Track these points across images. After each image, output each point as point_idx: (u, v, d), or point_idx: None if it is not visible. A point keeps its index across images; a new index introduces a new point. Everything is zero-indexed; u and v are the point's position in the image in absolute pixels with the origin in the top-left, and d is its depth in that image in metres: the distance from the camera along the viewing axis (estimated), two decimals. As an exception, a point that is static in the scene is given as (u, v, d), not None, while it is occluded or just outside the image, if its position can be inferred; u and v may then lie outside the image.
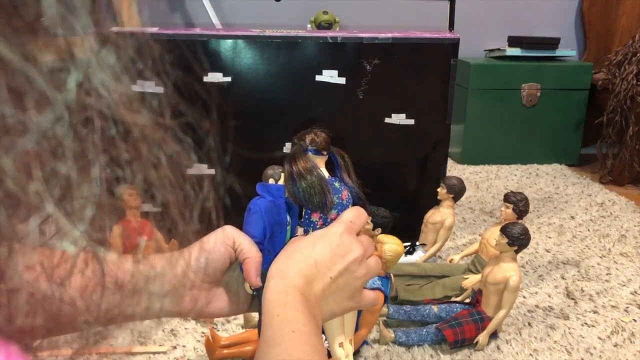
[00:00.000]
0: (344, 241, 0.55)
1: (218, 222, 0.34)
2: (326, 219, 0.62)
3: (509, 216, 1.25)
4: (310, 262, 0.53)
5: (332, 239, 0.55)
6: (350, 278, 0.55)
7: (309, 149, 0.64)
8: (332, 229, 0.56)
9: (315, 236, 0.56)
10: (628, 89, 2.10)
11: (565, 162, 2.45)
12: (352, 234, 0.56)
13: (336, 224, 0.57)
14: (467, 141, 2.40)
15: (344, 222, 0.57)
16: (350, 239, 0.56)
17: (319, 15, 2.06)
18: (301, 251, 0.54)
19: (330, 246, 0.54)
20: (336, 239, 0.55)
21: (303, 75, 1.40)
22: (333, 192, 0.62)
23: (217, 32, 1.40)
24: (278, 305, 0.50)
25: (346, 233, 0.56)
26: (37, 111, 0.23)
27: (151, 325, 1.16)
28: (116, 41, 0.25)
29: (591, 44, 2.63)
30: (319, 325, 0.51)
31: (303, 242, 0.56)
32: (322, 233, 0.56)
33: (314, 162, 0.62)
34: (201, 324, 1.17)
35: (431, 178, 1.49)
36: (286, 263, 0.54)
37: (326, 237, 0.55)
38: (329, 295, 0.54)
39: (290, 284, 0.51)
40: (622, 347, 1.14)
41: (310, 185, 0.60)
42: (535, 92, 2.36)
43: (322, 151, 0.64)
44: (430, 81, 1.45)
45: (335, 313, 0.57)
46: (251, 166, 1.09)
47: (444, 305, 1.18)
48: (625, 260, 1.53)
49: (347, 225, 0.56)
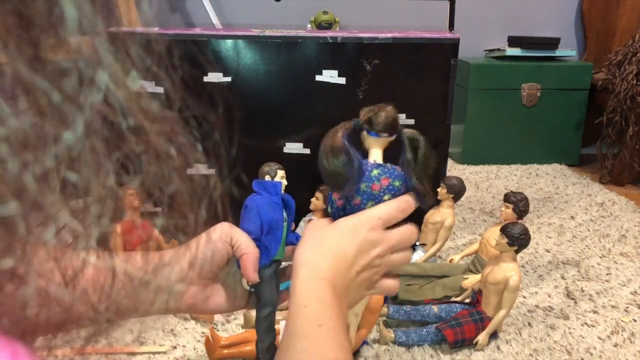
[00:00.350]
0: (369, 237, 0.55)
1: (225, 214, 0.34)
2: (348, 201, 0.57)
3: (509, 216, 1.25)
4: (339, 255, 0.53)
5: (357, 234, 0.55)
6: (371, 273, 0.56)
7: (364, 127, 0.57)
8: (359, 224, 0.55)
9: (341, 228, 0.55)
10: (628, 89, 2.10)
11: (565, 162, 2.45)
12: (378, 230, 0.56)
13: (364, 219, 0.56)
14: (467, 141, 2.40)
15: (369, 218, 0.56)
16: (375, 235, 0.55)
17: (319, 15, 2.06)
18: (329, 244, 0.54)
19: (355, 241, 0.54)
20: (361, 234, 0.55)
21: (303, 75, 1.40)
22: (364, 180, 0.56)
23: (217, 32, 1.41)
24: (307, 296, 0.50)
25: (371, 230, 0.55)
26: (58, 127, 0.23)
27: (151, 325, 1.17)
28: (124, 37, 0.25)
29: (591, 44, 2.63)
30: (346, 321, 0.51)
31: (329, 234, 0.55)
32: (348, 226, 0.55)
33: (344, 144, 0.55)
34: (201, 324, 1.17)
35: (431, 178, 1.49)
36: (315, 254, 0.54)
37: (352, 231, 0.55)
38: (352, 289, 0.55)
39: (320, 276, 0.52)
40: (622, 347, 1.14)
41: (329, 168, 0.55)
42: (535, 92, 2.36)
43: (381, 133, 0.57)
44: (430, 81, 1.45)
45: (352, 303, 0.58)
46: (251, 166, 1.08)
47: (444, 305, 1.18)
48: (625, 260, 1.53)
49: (374, 223, 0.56)
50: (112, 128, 0.25)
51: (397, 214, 0.57)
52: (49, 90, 0.23)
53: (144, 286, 0.52)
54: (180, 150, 0.30)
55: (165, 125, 0.28)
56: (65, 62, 0.23)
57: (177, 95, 0.31)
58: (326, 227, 0.56)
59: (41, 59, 0.23)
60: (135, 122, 0.26)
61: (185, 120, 0.31)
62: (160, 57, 0.28)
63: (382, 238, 0.56)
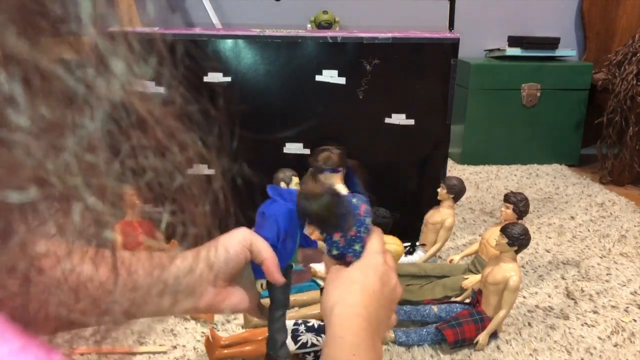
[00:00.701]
0: (386, 270, 0.60)
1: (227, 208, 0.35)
2: (347, 236, 0.62)
3: (509, 216, 1.25)
4: (369, 292, 0.57)
5: (378, 269, 0.60)
6: (391, 303, 0.61)
7: (325, 168, 0.64)
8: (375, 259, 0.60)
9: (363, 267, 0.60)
10: (628, 89, 2.10)
11: (565, 162, 2.45)
12: (387, 263, 0.61)
13: (377, 254, 0.61)
14: (467, 141, 2.40)
15: (381, 252, 0.61)
16: (388, 267, 0.61)
17: (319, 15, 2.06)
18: (358, 282, 0.58)
19: (378, 276, 0.59)
20: (380, 269, 0.60)
21: (303, 75, 1.40)
22: (353, 209, 0.62)
23: (217, 32, 1.40)
24: (343, 329, 0.54)
25: (386, 262, 0.61)
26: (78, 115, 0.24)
27: (151, 325, 1.17)
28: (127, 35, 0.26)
29: (591, 44, 2.63)
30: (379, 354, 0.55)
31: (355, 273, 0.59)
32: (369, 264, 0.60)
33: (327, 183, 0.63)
34: (201, 324, 1.17)
35: (431, 178, 1.49)
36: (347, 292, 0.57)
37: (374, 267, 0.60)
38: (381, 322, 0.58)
39: (355, 312, 0.55)
40: (622, 347, 1.14)
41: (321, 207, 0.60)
42: (535, 92, 2.36)
43: (338, 168, 0.64)
44: (430, 81, 1.44)
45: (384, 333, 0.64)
46: (251, 166, 1.08)
47: (444, 305, 1.18)
48: (625, 260, 1.53)
49: (385, 255, 0.61)
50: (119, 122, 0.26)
51: (382, 242, 0.63)
52: (66, 79, 0.23)
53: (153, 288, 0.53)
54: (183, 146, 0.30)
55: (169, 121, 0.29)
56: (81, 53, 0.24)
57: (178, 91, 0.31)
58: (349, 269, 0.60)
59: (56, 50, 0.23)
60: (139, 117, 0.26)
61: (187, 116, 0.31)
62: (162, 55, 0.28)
63: (392, 269, 0.61)
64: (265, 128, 1.42)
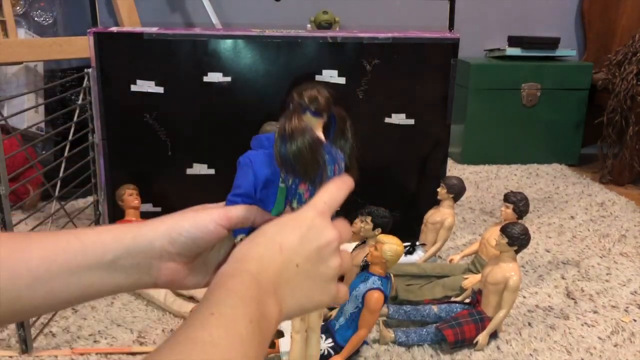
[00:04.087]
0: (316, 225, 0.50)
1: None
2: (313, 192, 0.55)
3: (509, 216, 1.25)
4: (274, 246, 0.48)
5: (302, 222, 0.50)
6: (322, 267, 0.50)
7: (308, 108, 0.56)
8: (303, 211, 0.51)
9: (285, 219, 0.51)
10: (628, 88, 2.10)
11: (565, 162, 2.45)
12: (326, 218, 0.51)
13: (308, 207, 0.51)
14: (467, 141, 2.40)
15: (317, 205, 0.51)
16: (323, 222, 0.50)
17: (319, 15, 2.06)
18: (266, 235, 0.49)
19: (299, 230, 0.49)
20: (307, 222, 0.49)
21: (303, 75, 1.40)
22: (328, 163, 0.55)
23: (217, 32, 1.40)
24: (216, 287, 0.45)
25: (319, 216, 0.50)
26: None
27: (151, 325, 1.17)
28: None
29: (591, 44, 2.63)
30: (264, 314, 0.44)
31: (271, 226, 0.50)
32: (292, 216, 0.51)
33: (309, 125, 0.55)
34: (201, 324, 1.17)
35: (431, 178, 1.49)
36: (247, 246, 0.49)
37: (296, 220, 0.50)
38: (296, 285, 0.49)
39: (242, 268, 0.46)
40: (622, 347, 1.14)
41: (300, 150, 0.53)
42: (535, 92, 2.36)
43: (323, 113, 0.57)
44: (430, 81, 1.44)
45: (305, 307, 0.50)
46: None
47: (444, 305, 1.18)
48: (625, 260, 1.53)
49: (321, 208, 0.51)
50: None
51: (339, 196, 0.53)
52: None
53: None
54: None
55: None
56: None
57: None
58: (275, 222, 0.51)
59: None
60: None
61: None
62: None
63: (330, 224, 0.51)
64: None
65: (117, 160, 1.42)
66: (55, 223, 1.57)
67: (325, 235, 0.49)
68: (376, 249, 1.03)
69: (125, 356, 1.07)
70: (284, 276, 0.47)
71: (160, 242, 0.51)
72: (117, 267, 0.51)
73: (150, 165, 1.44)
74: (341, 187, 0.53)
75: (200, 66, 1.38)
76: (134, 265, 0.51)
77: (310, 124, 0.56)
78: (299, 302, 0.49)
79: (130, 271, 0.51)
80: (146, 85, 1.38)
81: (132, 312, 1.21)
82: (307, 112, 0.56)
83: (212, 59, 1.37)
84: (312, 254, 0.49)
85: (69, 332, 1.14)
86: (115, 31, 1.36)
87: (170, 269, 0.53)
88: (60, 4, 1.97)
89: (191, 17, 2.43)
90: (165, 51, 1.36)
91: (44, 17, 1.90)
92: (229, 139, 1.44)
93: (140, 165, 1.44)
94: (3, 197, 0.99)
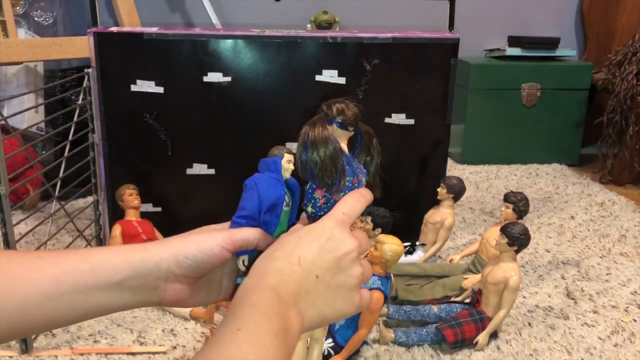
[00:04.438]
0: (335, 235, 0.50)
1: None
2: (329, 199, 0.55)
3: (509, 216, 1.25)
4: (293, 259, 0.49)
5: (320, 233, 0.50)
6: (343, 276, 0.50)
7: (335, 120, 0.57)
8: (321, 222, 0.52)
9: (304, 231, 0.51)
10: (628, 88, 2.10)
11: (565, 162, 2.45)
12: (345, 228, 0.51)
13: (327, 217, 0.52)
14: (467, 141, 2.40)
15: (336, 215, 0.52)
16: (342, 233, 0.50)
17: (319, 15, 2.06)
18: (284, 248, 0.50)
19: (318, 241, 0.50)
20: (326, 234, 0.50)
21: (303, 75, 1.40)
22: (348, 174, 0.56)
23: (217, 32, 1.40)
24: (239, 303, 0.46)
25: (338, 227, 0.51)
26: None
27: (151, 325, 1.17)
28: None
29: (591, 44, 2.63)
30: (287, 328, 0.45)
31: (289, 238, 0.51)
32: (310, 227, 0.51)
33: (334, 135, 0.55)
34: (201, 324, 1.17)
35: (431, 178, 1.49)
36: (266, 261, 0.50)
37: (314, 231, 0.51)
38: (317, 296, 0.49)
39: (262, 282, 0.47)
40: (622, 347, 1.14)
41: (322, 159, 0.53)
42: (535, 92, 2.36)
43: (349, 127, 0.57)
44: (430, 81, 1.44)
45: (328, 317, 0.51)
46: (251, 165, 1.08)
47: (444, 305, 1.18)
48: (625, 260, 1.53)
49: (340, 219, 0.51)
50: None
51: (358, 208, 0.54)
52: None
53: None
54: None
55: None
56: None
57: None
58: (291, 233, 0.52)
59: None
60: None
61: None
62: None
63: (350, 234, 0.51)
64: (265, 128, 1.42)
65: (117, 160, 1.42)
66: (55, 223, 1.57)
67: (344, 245, 0.50)
68: (376, 249, 1.03)
69: (125, 356, 1.07)
70: (304, 288, 0.48)
71: (166, 264, 0.53)
72: (125, 287, 0.52)
73: (150, 165, 1.44)
74: (359, 200, 0.54)
75: (200, 66, 1.38)
76: (141, 286, 0.53)
77: (335, 135, 0.57)
78: (321, 312, 0.50)
79: (137, 291, 0.53)
80: (146, 85, 1.38)
81: (132, 312, 1.21)
82: (333, 123, 0.57)
83: (212, 59, 1.38)
84: (331, 264, 0.49)
85: (68, 332, 1.14)
86: (115, 31, 1.36)
87: (176, 289, 0.55)
88: (60, 4, 1.97)
89: (191, 17, 2.43)
90: (165, 51, 1.36)
91: (44, 17, 1.90)
92: (229, 139, 1.44)
93: (140, 165, 1.44)
94: (3, 197, 1.00)
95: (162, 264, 0.53)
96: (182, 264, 0.53)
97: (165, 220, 1.44)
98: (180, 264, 0.53)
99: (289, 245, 0.50)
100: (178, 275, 0.54)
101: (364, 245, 0.53)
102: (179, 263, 0.53)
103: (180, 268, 0.53)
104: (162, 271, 0.53)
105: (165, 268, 0.53)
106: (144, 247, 0.54)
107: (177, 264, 0.53)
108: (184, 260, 0.53)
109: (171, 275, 0.53)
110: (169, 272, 0.53)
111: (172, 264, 0.53)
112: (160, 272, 0.53)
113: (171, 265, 0.53)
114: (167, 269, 0.53)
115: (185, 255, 0.53)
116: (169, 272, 0.53)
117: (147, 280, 0.53)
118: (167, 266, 0.53)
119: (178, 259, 0.53)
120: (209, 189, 1.46)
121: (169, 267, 0.53)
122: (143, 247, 0.54)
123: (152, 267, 0.53)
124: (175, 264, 0.53)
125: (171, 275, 0.54)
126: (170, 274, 0.53)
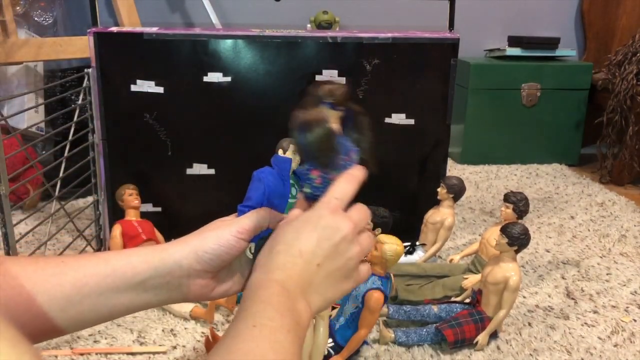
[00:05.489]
0: (329, 223, 0.52)
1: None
2: (326, 178, 0.57)
3: (509, 216, 1.25)
4: (294, 252, 0.51)
5: (316, 223, 0.52)
6: (342, 260, 0.53)
7: (324, 101, 0.58)
8: (315, 211, 0.54)
9: (299, 222, 0.53)
10: (628, 88, 2.10)
11: (565, 162, 2.45)
12: (337, 212, 0.53)
13: (321, 205, 0.54)
14: (467, 141, 2.40)
15: (329, 202, 0.54)
16: (335, 218, 0.53)
17: (319, 15, 2.06)
18: (284, 242, 0.52)
19: (315, 231, 0.52)
20: (321, 222, 0.52)
21: (303, 75, 1.40)
22: (342, 153, 0.57)
23: (217, 32, 1.40)
24: (250, 298, 0.48)
25: (331, 214, 0.53)
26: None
27: (151, 325, 1.17)
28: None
29: (591, 44, 2.63)
30: (298, 321, 0.48)
31: (287, 231, 0.53)
32: (306, 218, 0.53)
33: (326, 115, 0.57)
34: (201, 324, 1.17)
35: (431, 178, 1.49)
36: (269, 256, 0.52)
37: (310, 221, 0.53)
38: (320, 284, 0.52)
39: (269, 278, 0.50)
40: (622, 347, 1.14)
41: (316, 139, 0.55)
42: (535, 92, 2.36)
43: (339, 106, 0.58)
44: (430, 81, 1.45)
45: (331, 299, 0.54)
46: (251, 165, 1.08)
47: (444, 305, 1.18)
48: (625, 260, 1.53)
49: (333, 205, 0.53)
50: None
51: (350, 189, 0.55)
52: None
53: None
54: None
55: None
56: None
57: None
58: (287, 224, 0.54)
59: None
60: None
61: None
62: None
63: (343, 218, 0.53)
64: (265, 128, 1.42)
65: (117, 160, 1.42)
66: (55, 223, 1.57)
67: (339, 231, 0.52)
68: (376, 249, 1.03)
69: (125, 356, 1.07)
70: (307, 278, 0.51)
71: (187, 261, 0.56)
72: (147, 287, 0.55)
73: (150, 165, 1.44)
74: (351, 180, 0.56)
75: (200, 66, 1.38)
76: (163, 285, 0.56)
77: (326, 115, 0.58)
78: (325, 296, 0.53)
79: (159, 290, 0.56)
80: (146, 85, 1.38)
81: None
82: (323, 104, 0.58)
83: (212, 59, 1.38)
84: (330, 251, 0.52)
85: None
86: (115, 31, 1.36)
87: (199, 284, 0.57)
88: (60, 4, 1.97)
89: (191, 17, 2.43)
90: (165, 51, 1.36)
91: (44, 17, 1.90)
92: (228, 139, 1.44)
93: (140, 165, 1.44)
94: (3, 197, 1.00)
95: (183, 262, 0.55)
96: (202, 258, 0.56)
97: (165, 220, 1.44)
98: (201, 259, 0.56)
99: (289, 239, 0.52)
100: (199, 271, 0.56)
101: (361, 220, 0.55)
102: (199, 258, 0.56)
103: (201, 263, 0.56)
104: (184, 269, 0.56)
105: (187, 265, 0.56)
106: (163, 248, 0.56)
107: (197, 259, 0.56)
108: (204, 255, 0.56)
109: (193, 271, 0.56)
110: (191, 268, 0.56)
111: (193, 260, 0.56)
112: (182, 270, 0.56)
113: (192, 261, 0.56)
114: (189, 266, 0.56)
115: (204, 250, 0.56)
116: (191, 268, 0.56)
117: (168, 279, 0.55)
118: (188, 263, 0.55)
119: (198, 255, 0.56)
120: (209, 189, 1.47)
121: (190, 264, 0.56)
122: (161, 248, 0.56)
123: (172, 266, 0.55)
124: (196, 259, 0.56)
125: (193, 272, 0.56)
126: (192, 271, 0.56)
